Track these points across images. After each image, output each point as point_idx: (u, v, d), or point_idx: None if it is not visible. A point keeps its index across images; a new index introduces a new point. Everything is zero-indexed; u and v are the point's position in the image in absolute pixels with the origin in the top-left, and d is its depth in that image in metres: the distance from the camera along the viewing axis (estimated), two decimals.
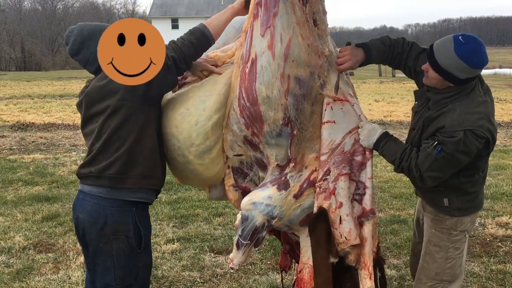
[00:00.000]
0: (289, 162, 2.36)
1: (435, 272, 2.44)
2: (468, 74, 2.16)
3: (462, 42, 2.13)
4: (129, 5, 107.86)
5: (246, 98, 2.28)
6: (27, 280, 3.69)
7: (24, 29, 60.83)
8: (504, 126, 11.72)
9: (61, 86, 23.03)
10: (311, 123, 2.30)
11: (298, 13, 2.10)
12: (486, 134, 2.15)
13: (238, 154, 2.46)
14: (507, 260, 4.01)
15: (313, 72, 2.19)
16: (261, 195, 2.36)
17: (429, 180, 2.23)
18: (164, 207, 5.39)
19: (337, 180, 2.31)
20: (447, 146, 2.13)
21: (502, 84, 27.05)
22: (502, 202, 5.56)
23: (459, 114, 2.16)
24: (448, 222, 2.40)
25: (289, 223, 2.42)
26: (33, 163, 7.56)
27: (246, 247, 2.42)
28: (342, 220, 2.32)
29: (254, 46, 2.22)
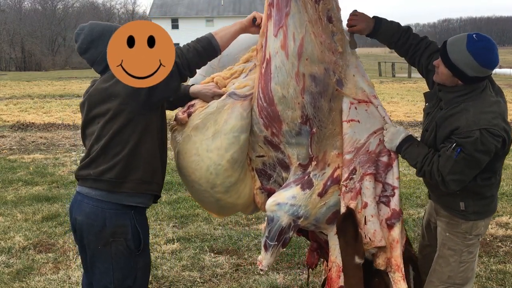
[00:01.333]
0: (311, 161, 2.35)
1: (448, 275, 2.42)
2: (477, 72, 2.15)
3: (475, 40, 2.14)
4: (129, 5, 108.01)
5: (263, 98, 2.28)
6: (27, 280, 3.69)
7: (24, 29, 60.83)
8: None
9: (61, 86, 23.03)
10: (330, 120, 2.30)
11: (310, 11, 2.10)
12: (502, 133, 2.13)
13: (260, 155, 2.47)
14: (507, 260, 4.01)
15: (328, 68, 2.19)
16: (285, 196, 2.36)
17: (451, 183, 2.18)
18: (164, 207, 5.39)
19: (363, 180, 2.29)
20: (465, 147, 2.11)
21: (502, 84, 27.03)
22: (502, 202, 5.56)
23: (473, 114, 2.14)
24: (463, 226, 2.38)
25: (316, 222, 2.41)
26: (33, 163, 7.56)
27: (274, 248, 2.41)
28: (367, 221, 2.30)
29: (269, 46, 2.23)
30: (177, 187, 6.14)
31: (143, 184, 2.23)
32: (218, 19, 50.73)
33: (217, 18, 50.90)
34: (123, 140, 2.16)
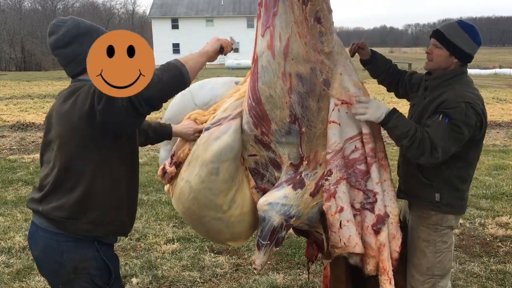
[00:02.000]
0: (302, 160, 2.35)
1: (426, 267, 2.52)
2: (471, 49, 2.40)
3: (465, 23, 2.43)
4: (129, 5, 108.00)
5: (252, 97, 2.29)
6: (27, 280, 3.69)
7: (24, 29, 60.83)
8: (504, 126, 11.71)
9: (61, 86, 23.02)
10: (320, 119, 2.29)
11: (296, 12, 2.10)
12: (481, 113, 2.30)
13: (252, 154, 2.47)
14: (507, 260, 4.01)
15: (314, 68, 2.18)
16: (277, 195, 2.36)
17: (440, 150, 2.24)
18: (164, 207, 5.40)
19: (339, 184, 2.29)
20: (453, 116, 2.26)
21: (502, 84, 27.03)
22: (502, 202, 5.56)
23: (459, 90, 2.35)
24: (434, 219, 2.50)
25: (309, 221, 2.42)
26: (33, 163, 7.56)
27: (267, 248, 2.42)
28: (342, 225, 2.30)
29: (257, 46, 2.24)
30: None
31: (100, 225, 1.95)
32: (218, 19, 50.74)
33: (217, 18, 50.91)
34: (77, 173, 1.91)
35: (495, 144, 9.49)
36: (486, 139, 9.97)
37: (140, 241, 4.45)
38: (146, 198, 5.71)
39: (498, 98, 17.49)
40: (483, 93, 20.45)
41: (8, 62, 61.08)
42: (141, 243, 4.40)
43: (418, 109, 2.49)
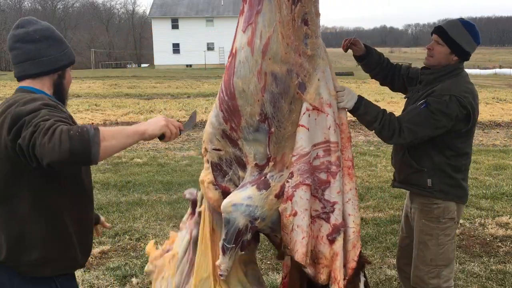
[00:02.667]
0: (269, 161, 2.33)
1: (430, 258, 2.62)
2: (471, 48, 2.49)
3: (467, 22, 2.52)
4: (129, 5, 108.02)
5: (225, 91, 2.29)
6: None
7: None
8: (504, 126, 11.71)
9: None
10: (290, 121, 2.27)
11: (284, 12, 2.10)
12: (468, 106, 2.38)
13: (217, 148, 2.45)
14: (507, 260, 4.01)
15: (291, 70, 2.18)
16: (241, 196, 2.32)
17: (406, 130, 2.39)
18: (164, 207, 5.39)
19: (297, 188, 2.27)
20: (431, 104, 2.38)
21: (502, 84, 27.05)
22: (502, 202, 5.56)
23: (448, 83, 2.46)
24: (436, 211, 2.58)
25: (272, 224, 2.38)
26: None
27: (232, 251, 2.37)
28: (293, 229, 2.29)
29: (237, 41, 2.25)
30: (177, 187, 6.15)
31: (46, 264, 1.74)
32: (218, 19, 50.73)
33: (217, 18, 50.89)
34: (5, 210, 1.70)
35: (495, 144, 9.49)
36: (486, 139, 9.98)
37: (140, 241, 4.45)
38: (146, 198, 5.71)
39: (498, 98, 17.50)
40: (483, 93, 20.50)
41: (8, 62, 61.00)
42: (141, 243, 4.40)
43: (411, 102, 2.62)
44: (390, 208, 5.39)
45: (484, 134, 10.56)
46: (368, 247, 4.27)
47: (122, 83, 25.13)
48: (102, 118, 12.54)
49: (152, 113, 13.22)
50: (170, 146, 9.22)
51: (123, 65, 61.94)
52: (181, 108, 14.25)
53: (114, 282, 3.66)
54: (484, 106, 14.97)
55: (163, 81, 26.64)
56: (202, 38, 50.23)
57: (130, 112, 13.58)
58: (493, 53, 73.47)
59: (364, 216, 5.10)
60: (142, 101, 16.26)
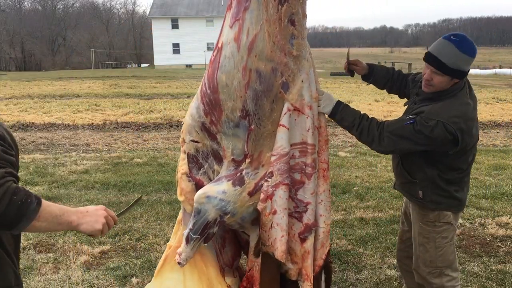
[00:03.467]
0: (245, 158, 2.35)
1: (430, 260, 2.63)
2: (470, 64, 2.40)
3: (458, 40, 2.34)
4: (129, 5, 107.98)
5: (208, 85, 2.30)
6: (27, 280, 3.69)
7: (24, 29, 60.83)
8: (504, 126, 11.71)
9: (61, 86, 23.03)
10: (270, 120, 2.29)
11: (270, 11, 2.12)
12: (457, 132, 2.31)
13: (195, 140, 2.47)
14: (507, 260, 4.01)
15: (276, 68, 2.19)
16: (216, 189, 2.34)
17: (386, 139, 2.37)
18: (164, 207, 5.39)
19: (277, 187, 2.30)
20: (418, 124, 2.33)
21: (502, 84, 27.03)
22: (502, 202, 5.56)
23: (439, 107, 2.37)
24: (431, 216, 2.58)
25: (241, 221, 2.40)
26: (33, 163, 7.56)
27: (196, 242, 2.38)
28: (272, 227, 2.33)
29: (223, 35, 2.26)
30: None
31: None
32: (218, 19, 50.70)
33: (217, 18, 50.87)
34: None
35: (495, 144, 9.49)
36: (486, 139, 9.98)
37: (140, 241, 4.45)
38: (146, 198, 5.71)
39: (498, 98, 17.49)
40: (483, 93, 20.48)
41: (8, 62, 61.07)
42: (141, 243, 4.40)
43: (408, 112, 2.57)
44: (390, 208, 5.39)
45: (484, 134, 10.56)
46: (368, 247, 4.27)
47: (122, 83, 25.12)
48: (102, 118, 12.53)
49: (152, 113, 13.22)
50: (170, 146, 9.22)
51: (123, 65, 61.93)
52: (181, 108, 14.24)
53: (114, 282, 3.66)
54: (484, 106, 14.97)
55: (163, 81, 26.63)
56: (202, 38, 50.23)
57: (130, 112, 13.57)
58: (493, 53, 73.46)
59: (364, 216, 5.10)
60: (142, 101, 16.26)
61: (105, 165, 7.46)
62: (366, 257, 4.06)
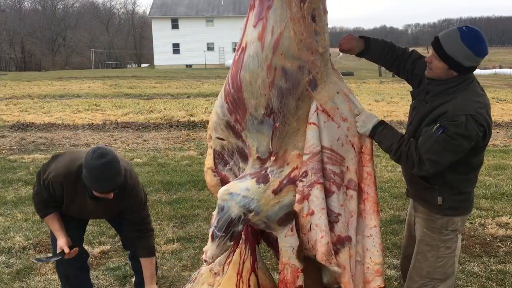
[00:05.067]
0: (270, 156, 2.33)
1: (427, 270, 2.48)
2: (472, 62, 2.23)
3: (467, 32, 2.22)
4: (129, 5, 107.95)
5: (231, 84, 2.30)
6: (27, 280, 3.69)
7: (24, 29, 60.82)
8: (504, 126, 11.71)
9: (61, 86, 23.02)
10: (296, 118, 2.28)
11: (294, 9, 2.11)
12: (485, 123, 2.21)
13: (220, 137, 2.47)
14: (507, 260, 4.01)
15: (303, 66, 2.18)
16: (239, 186, 2.33)
17: (427, 162, 2.21)
18: (164, 207, 5.39)
19: (313, 187, 2.27)
20: (449, 129, 2.17)
21: (502, 84, 27.03)
22: (502, 202, 5.56)
23: (461, 101, 2.23)
24: (439, 222, 2.43)
25: (267, 219, 2.37)
26: (33, 163, 7.55)
27: (221, 240, 2.36)
28: (312, 228, 2.28)
29: (246, 35, 2.25)
30: (177, 187, 6.14)
31: None
32: (218, 19, 50.70)
33: (217, 18, 50.87)
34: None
35: (495, 144, 9.48)
36: None
37: None
38: None
39: (498, 98, 17.49)
40: None
41: (8, 62, 61.07)
42: None
43: (418, 115, 2.39)
44: (390, 208, 5.39)
45: None
46: None
47: (122, 83, 25.12)
48: (102, 118, 12.53)
49: (152, 113, 13.22)
50: (170, 146, 9.21)
51: (123, 65, 61.94)
52: (181, 108, 14.24)
53: (114, 282, 3.66)
54: None
55: (163, 81, 26.63)
56: (202, 38, 50.20)
57: (130, 112, 13.57)
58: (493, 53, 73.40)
59: None
60: (142, 101, 16.26)
61: None
62: None
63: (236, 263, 2.57)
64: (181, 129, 11.08)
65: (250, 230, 2.60)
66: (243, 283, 2.51)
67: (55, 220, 2.87)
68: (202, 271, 2.86)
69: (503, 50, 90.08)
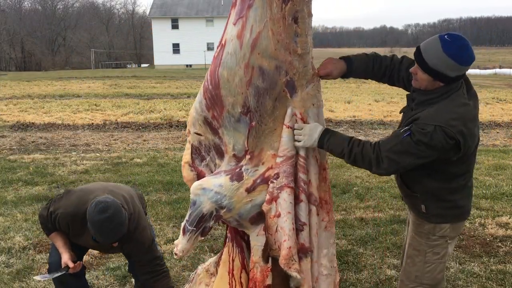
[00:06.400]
0: (246, 154, 2.34)
1: (415, 275, 2.45)
2: (457, 71, 2.14)
3: (449, 41, 2.11)
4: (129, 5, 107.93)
5: (210, 80, 2.30)
6: (27, 280, 3.69)
7: (24, 29, 60.82)
8: (504, 126, 11.71)
9: (61, 86, 23.03)
10: (272, 118, 2.29)
11: (274, 10, 2.12)
12: (457, 135, 2.10)
13: (198, 132, 2.49)
14: (507, 260, 4.01)
15: (280, 66, 2.19)
16: (212, 182, 2.35)
17: (386, 160, 2.17)
18: (164, 207, 5.39)
19: (282, 190, 2.28)
20: (415, 135, 2.12)
21: (502, 84, 27.03)
22: (502, 202, 5.56)
23: (435, 110, 2.16)
24: (426, 227, 2.39)
25: (239, 217, 2.38)
26: (33, 163, 7.56)
27: (192, 234, 2.38)
28: (278, 230, 2.30)
29: (226, 33, 2.26)
30: (177, 187, 6.14)
31: None
32: (218, 19, 50.70)
33: (217, 18, 50.86)
34: None
35: (495, 144, 9.49)
36: (486, 139, 9.97)
37: None
38: (146, 198, 5.71)
39: (498, 98, 17.50)
40: (483, 93, 20.43)
41: (8, 62, 61.06)
42: None
43: (403, 122, 2.34)
44: (390, 208, 5.39)
45: (484, 134, 10.56)
46: (368, 247, 4.27)
47: (122, 83, 25.12)
48: (102, 118, 12.53)
49: (152, 113, 13.22)
50: (170, 146, 9.21)
51: (123, 65, 61.95)
52: (181, 108, 14.24)
53: (114, 282, 3.66)
54: (484, 106, 14.97)
55: (163, 81, 26.63)
56: (202, 38, 50.20)
57: (130, 112, 13.57)
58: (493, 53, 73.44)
59: (364, 216, 5.10)
60: (142, 101, 16.26)
61: (105, 165, 7.46)
62: (366, 257, 4.06)
63: (226, 262, 2.58)
64: (181, 129, 11.09)
65: (235, 229, 2.60)
66: (235, 281, 2.52)
67: (59, 237, 2.90)
68: (198, 271, 2.87)
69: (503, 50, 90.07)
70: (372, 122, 12.03)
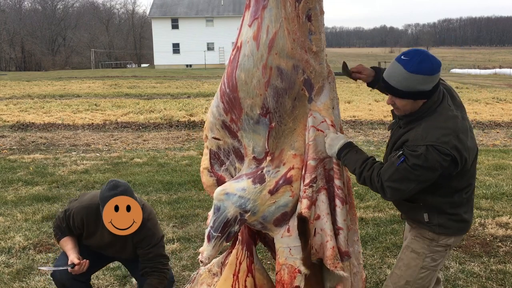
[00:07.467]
0: (266, 156, 2.33)
1: (406, 280, 2.35)
2: (431, 82, 2.10)
3: (407, 59, 2.09)
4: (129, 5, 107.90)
5: (227, 84, 2.29)
6: (27, 280, 3.69)
7: (24, 29, 60.82)
8: (504, 126, 11.71)
9: (61, 86, 23.03)
10: (292, 118, 2.29)
11: (288, 9, 2.13)
12: (452, 151, 2.05)
13: (216, 137, 2.47)
14: (507, 260, 4.01)
15: (297, 65, 2.19)
16: (235, 187, 2.33)
17: (388, 190, 2.14)
18: (164, 207, 5.39)
19: (320, 192, 2.28)
20: (409, 159, 2.07)
21: (502, 84, 27.02)
22: (502, 202, 5.56)
23: (423, 128, 2.11)
24: (430, 233, 2.33)
25: (263, 220, 2.36)
26: (33, 163, 7.56)
27: (217, 240, 2.35)
28: (316, 232, 2.29)
29: (242, 35, 2.26)
30: (177, 187, 6.14)
31: None
32: (218, 19, 50.72)
33: (217, 18, 50.88)
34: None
35: (495, 144, 9.49)
36: (486, 139, 9.97)
37: None
38: (146, 198, 5.71)
39: (498, 98, 17.50)
40: (483, 93, 20.43)
41: (8, 62, 61.06)
42: None
43: (392, 139, 2.32)
44: (390, 208, 5.39)
45: (484, 134, 10.56)
46: (368, 247, 4.27)
47: (122, 83, 25.12)
48: (102, 118, 12.53)
49: (152, 113, 13.22)
50: (170, 146, 9.21)
51: (123, 65, 61.95)
52: (181, 108, 14.24)
53: (114, 282, 3.66)
54: (484, 106, 14.98)
55: (163, 81, 26.63)
56: (202, 38, 50.21)
57: (130, 112, 13.57)
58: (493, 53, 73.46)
59: (364, 216, 5.09)
60: (142, 101, 16.26)
61: (105, 165, 7.46)
62: (366, 257, 4.06)
63: (233, 264, 2.57)
64: (181, 129, 11.09)
65: (247, 231, 2.59)
66: (240, 284, 2.51)
67: (69, 241, 2.96)
68: (200, 272, 2.86)
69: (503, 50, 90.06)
70: (372, 122, 12.03)
